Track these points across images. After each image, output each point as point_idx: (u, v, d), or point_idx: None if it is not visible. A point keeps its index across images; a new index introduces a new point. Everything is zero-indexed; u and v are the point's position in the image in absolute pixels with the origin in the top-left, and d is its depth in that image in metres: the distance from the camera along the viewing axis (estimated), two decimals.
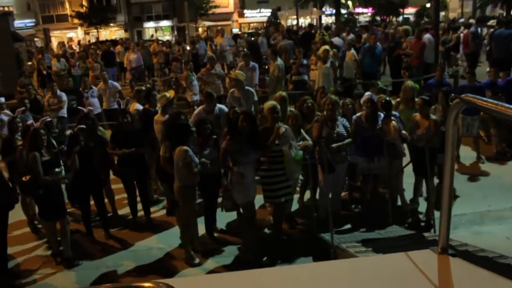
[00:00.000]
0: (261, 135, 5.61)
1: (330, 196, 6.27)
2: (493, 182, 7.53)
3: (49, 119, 6.41)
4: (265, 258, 5.62)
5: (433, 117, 6.29)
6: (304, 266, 2.62)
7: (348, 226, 6.23)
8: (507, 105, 1.49)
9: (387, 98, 6.71)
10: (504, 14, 35.66)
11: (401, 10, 51.47)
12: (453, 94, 1.74)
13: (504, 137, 8.68)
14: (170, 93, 7.26)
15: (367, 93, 6.68)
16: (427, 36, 11.81)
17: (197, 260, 5.80)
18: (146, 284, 1.77)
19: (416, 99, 6.78)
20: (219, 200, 6.17)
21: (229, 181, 5.65)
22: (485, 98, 1.66)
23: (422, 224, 6.25)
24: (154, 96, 7.41)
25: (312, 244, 5.82)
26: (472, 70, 9.48)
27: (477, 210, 6.52)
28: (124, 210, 7.23)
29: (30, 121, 6.06)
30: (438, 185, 6.26)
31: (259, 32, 21.51)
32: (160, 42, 19.06)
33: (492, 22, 21.35)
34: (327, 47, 10.69)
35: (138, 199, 6.95)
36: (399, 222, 6.13)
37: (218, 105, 7.17)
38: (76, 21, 40.60)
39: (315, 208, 6.53)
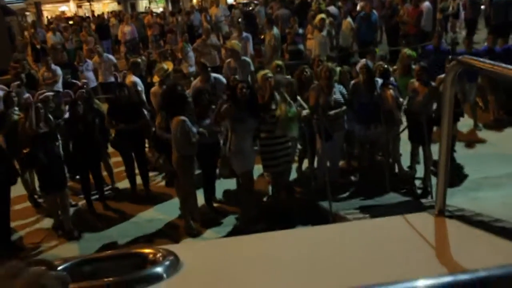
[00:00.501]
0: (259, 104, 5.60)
1: (328, 164, 6.31)
2: (490, 149, 7.56)
3: (47, 94, 6.36)
4: (264, 227, 5.68)
5: (432, 83, 6.25)
6: (303, 229, 2.66)
7: (346, 194, 6.30)
8: (504, 65, 1.48)
9: (385, 66, 6.69)
10: None
11: None
12: (450, 57, 1.73)
13: (502, 103, 8.67)
14: (168, 65, 7.20)
15: (363, 60, 6.64)
16: (426, 4, 11.64)
17: (196, 230, 5.87)
18: (146, 250, 1.79)
19: (414, 66, 6.74)
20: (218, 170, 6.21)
21: (227, 149, 5.65)
22: (482, 59, 1.65)
23: (419, 191, 6.30)
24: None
25: (310, 212, 5.88)
26: (469, 37, 9.39)
27: (474, 177, 6.57)
28: (124, 183, 7.27)
29: (26, 95, 6.02)
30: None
31: (255, 2, 21.13)
32: (154, 14, 18.78)
33: None
34: (323, 15, 10.54)
35: (137, 171, 6.99)
36: (397, 189, 6.19)
37: (213, 75, 7.12)
38: None
39: (313, 177, 6.59)
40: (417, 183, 6.50)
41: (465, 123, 8.24)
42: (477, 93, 8.45)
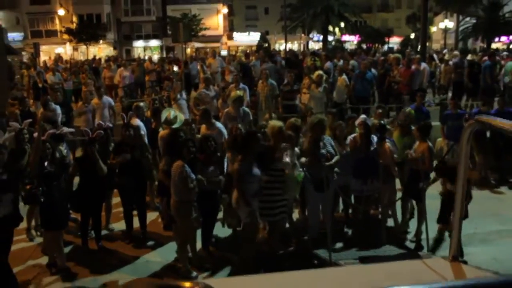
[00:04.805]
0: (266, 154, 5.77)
1: (321, 215, 6.44)
2: (477, 207, 7.76)
3: (65, 130, 6.49)
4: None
5: (429, 143, 6.54)
6: (323, 270, 2.76)
7: (342, 244, 6.40)
8: None
9: (381, 122, 6.99)
10: (485, 46, 37.02)
11: (386, 39, 52.92)
12: (466, 115, 1.96)
13: (489, 164, 9.03)
14: (180, 116, 7.42)
15: (362, 116, 6.94)
16: (423, 64, 12.28)
17: (194, 274, 5.88)
18: (186, 284, 1.90)
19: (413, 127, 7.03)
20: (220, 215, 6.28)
21: (234, 198, 5.70)
22: (498, 118, 1.87)
23: (413, 244, 6.45)
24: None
25: (308, 260, 5.96)
26: (455, 99, 9.94)
27: (464, 233, 6.74)
28: (120, 224, 7.28)
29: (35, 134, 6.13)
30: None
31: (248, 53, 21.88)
32: (153, 61, 19.34)
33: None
34: (321, 72, 11.03)
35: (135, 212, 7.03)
36: (392, 242, 6.33)
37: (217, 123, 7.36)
38: (65, 36, 40.65)
39: (305, 228, 6.69)
40: (409, 236, 6.68)
41: None
42: None
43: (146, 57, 27.16)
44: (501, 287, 1.28)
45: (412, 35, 48.02)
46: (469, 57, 17.56)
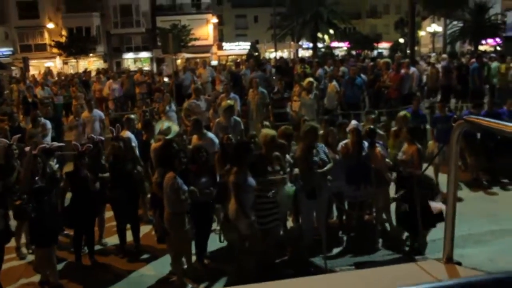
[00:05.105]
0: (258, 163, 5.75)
1: (315, 222, 6.42)
2: (470, 208, 7.80)
3: (55, 145, 6.44)
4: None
5: (418, 145, 6.57)
6: (318, 277, 2.74)
7: (338, 250, 6.38)
8: (507, 123, 1.71)
9: (371, 127, 7.00)
10: (473, 49, 37.42)
11: (376, 45, 53.36)
12: (455, 116, 1.97)
13: (481, 165, 9.09)
14: (174, 127, 7.36)
15: (353, 122, 6.95)
16: (413, 69, 12.38)
17: (189, 286, 5.82)
18: None
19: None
20: (214, 226, 6.23)
21: (231, 211, 5.62)
22: (486, 118, 1.88)
23: (407, 248, 6.44)
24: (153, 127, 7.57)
25: (303, 268, 5.92)
26: (443, 102, 10.03)
27: (459, 234, 6.74)
28: (113, 238, 7.21)
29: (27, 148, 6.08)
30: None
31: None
32: (143, 72, 19.26)
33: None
34: (311, 79, 11.06)
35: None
36: (387, 247, 6.32)
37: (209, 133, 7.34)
38: (55, 50, 40.54)
39: (300, 235, 6.66)
40: (405, 241, 6.66)
41: (444, 182, 8.55)
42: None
43: (136, 69, 27.13)
44: (494, 284, 1.26)
45: (401, 40, 48.43)
46: (463, 60, 17.67)
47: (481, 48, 38.56)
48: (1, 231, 5.19)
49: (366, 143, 6.69)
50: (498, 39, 39.37)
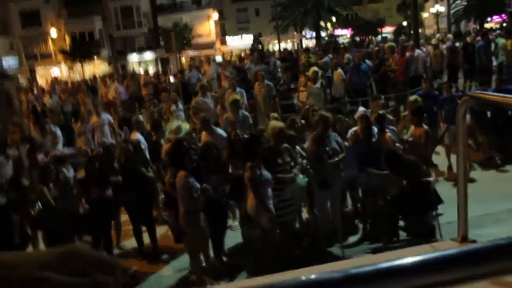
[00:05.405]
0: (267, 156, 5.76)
1: (330, 213, 6.42)
2: (486, 188, 7.74)
3: (66, 152, 6.51)
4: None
5: (425, 126, 6.53)
6: (334, 264, 2.74)
7: (354, 239, 6.38)
8: None
9: (380, 112, 6.97)
10: (478, 28, 36.93)
11: (379, 29, 52.84)
12: (459, 93, 1.95)
13: (493, 143, 9.00)
14: (185, 125, 7.38)
15: (361, 109, 6.93)
16: (417, 51, 12.28)
17: (209, 284, 5.86)
18: None
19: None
20: (230, 222, 6.23)
21: (251, 207, 5.62)
22: (492, 93, 1.87)
23: (424, 231, 6.41)
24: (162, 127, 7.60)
25: (321, 258, 5.93)
26: (449, 82, 9.93)
27: (475, 215, 6.71)
28: (131, 241, 7.26)
29: (40, 156, 6.15)
30: None
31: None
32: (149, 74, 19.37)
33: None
34: (316, 68, 11.03)
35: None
36: (404, 231, 6.31)
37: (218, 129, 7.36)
38: (60, 57, 40.79)
39: (316, 226, 6.67)
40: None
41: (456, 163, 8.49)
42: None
43: (142, 71, 27.21)
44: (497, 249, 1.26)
45: (405, 23, 47.95)
46: (468, 39, 17.40)
47: (486, 26, 37.99)
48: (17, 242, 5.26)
49: (375, 129, 6.66)
50: (504, 15, 38.79)
